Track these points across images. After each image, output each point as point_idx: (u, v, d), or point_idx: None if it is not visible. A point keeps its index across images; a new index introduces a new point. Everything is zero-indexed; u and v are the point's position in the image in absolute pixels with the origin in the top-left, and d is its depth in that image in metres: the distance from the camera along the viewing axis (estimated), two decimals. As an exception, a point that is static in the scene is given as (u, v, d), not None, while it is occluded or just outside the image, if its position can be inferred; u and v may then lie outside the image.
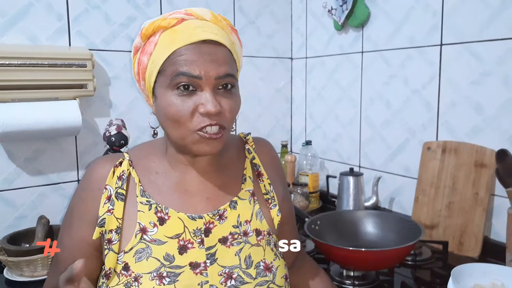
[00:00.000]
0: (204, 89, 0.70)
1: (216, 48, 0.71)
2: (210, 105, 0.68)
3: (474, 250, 1.24)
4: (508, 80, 1.20)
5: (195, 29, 0.71)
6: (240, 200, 0.80)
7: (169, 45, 0.70)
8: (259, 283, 0.74)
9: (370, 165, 1.63)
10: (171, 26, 0.72)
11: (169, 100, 0.70)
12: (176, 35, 0.70)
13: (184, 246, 0.74)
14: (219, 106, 0.70)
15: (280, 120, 1.97)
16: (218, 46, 0.71)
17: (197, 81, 0.69)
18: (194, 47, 0.70)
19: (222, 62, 0.71)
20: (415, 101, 1.45)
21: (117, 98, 1.50)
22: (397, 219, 1.23)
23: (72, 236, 0.77)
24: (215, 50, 0.70)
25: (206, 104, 0.69)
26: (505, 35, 1.19)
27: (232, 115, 0.73)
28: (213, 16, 0.74)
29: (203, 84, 0.69)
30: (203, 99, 0.69)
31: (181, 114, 0.69)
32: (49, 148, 1.38)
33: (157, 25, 0.72)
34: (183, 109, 0.69)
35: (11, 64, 1.22)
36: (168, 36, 0.71)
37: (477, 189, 1.25)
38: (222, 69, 0.70)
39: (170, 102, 0.70)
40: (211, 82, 0.70)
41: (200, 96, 0.70)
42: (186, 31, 0.71)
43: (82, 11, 1.40)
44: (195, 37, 0.70)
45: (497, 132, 1.23)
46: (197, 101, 0.70)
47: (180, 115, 0.70)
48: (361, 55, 1.63)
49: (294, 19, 1.93)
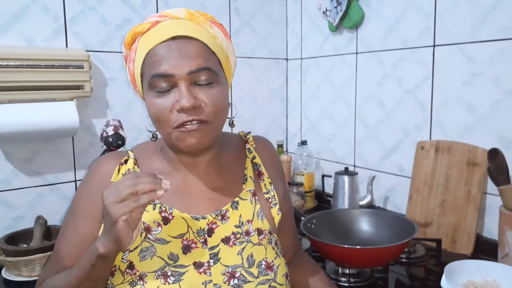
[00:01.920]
0: (179, 85, 0.70)
1: (187, 43, 0.71)
2: (183, 100, 0.69)
3: (467, 247, 1.26)
4: (498, 81, 1.22)
5: (166, 28, 0.71)
6: (242, 200, 0.81)
7: (144, 48, 0.72)
8: (261, 281, 0.75)
9: (364, 164, 1.65)
10: (146, 31, 0.73)
11: (150, 101, 0.72)
12: (149, 37, 0.72)
13: (187, 245, 0.74)
14: (194, 99, 0.69)
15: (276, 120, 1.98)
16: (190, 41, 0.71)
17: (171, 79, 0.70)
18: (164, 45, 0.71)
19: (195, 56, 0.70)
20: (408, 101, 1.47)
21: (114, 99, 1.50)
22: (391, 217, 1.25)
23: (78, 231, 0.77)
24: (185, 45, 0.71)
25: (180, 100, 0.69)
26: (496, 37, 1.21)
27: (214, 108, 0.72)
28: (188, 13, 0.74)
29: (176, 80, 0.70)
30: (178, 95, 0.70)
31: (160, 113, 0.71)
32: (46, 149, 1.39)
33: (134, 32, 0.74)
34: (162, 108, 0.71)
35: (8, 65, 1.22)
36: (143, 40, 0.73)
37: (470, 187, 1.27)
38: (194, 63, 0.70)
39: (151, 103, 0.72)
40: (185, 78, 0.70)
41: (176, 93, 0.70)
42: (158, 32, 0.72)
43: (78, 12, 1.41)
44: (165, 36, 0.71)
45: (488, 132, 1.25)
46: (174, 98, 0.70)
47: (159, 114, 0.71)
48: (355, 56, 1.65)
49: (289, 20, 1.94)
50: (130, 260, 0.73)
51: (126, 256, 0.73)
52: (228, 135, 0.89)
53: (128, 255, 0.73)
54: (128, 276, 0.72)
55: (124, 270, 0.73)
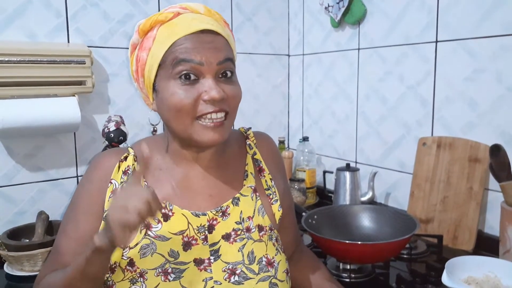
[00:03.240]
0: (206, 77, 0.71)
1: (214, 37, 0.73)
2: (214, 91, 0.70)
3: (468, 243, 1.26)
4: (501, 77, 1.22)
5: (192, 20, 0.72)
6: (242, 196, 0.81)
7: (169, 37, 0.71)
8: (261, 278, 0.75)
9: (366, 160, 1.65)
10: (168, 20, 0.73)
11: (172, 90, 0.71)
12: (174, 27, 0.72)
13: (188, 242, 0.74)
14: (222, 92, 0.71)
15: (277, 116, 1.98)
16: (216, 35, 0.74)
17: (199, 67, 0.70)
18: (193, 36, 0.71)
19: (222, 48, 0.73)
20: (410, 97, 1.46)
21: (115, 94, 1.50)
22: (392, 213, 1.25)
23: (79, 227, 0.77)
24: (213, 39, 0.73)
25: (209, 91, 0.70)
26: (499, 32, 1.21)
27: (235, 102, 0.75)
28: (206, 9, 0.77)
29: (204, 71, 0.71)
30: (206, 86, 0.70)
31: (184, 102, 0.70)
32: (48, 145, 1.39)
33: (154, 20, 0.73)
34: (187, 97, 0.70)
35: (10, 61, 1.22)
36: (166, 29, 0.72)
37: (471, 183, 1.27)
38: (222, 54, 0.72)
39: (173, 91, 0.71)
40: (213, 68, 0.71)
41: (202, 84, 0.71)
42: (183, 23, 0.72)
43: (80, 8, 1.41)
44: (194, 28, 0.71)
45: (490, 128, 1.25)
46: (200, 89, 0.71)
47: (184, 104, 0.70)
48: (357, 52, 1.64)
49: (291, 16, 1.94)
50: (130, 257, 0.72)
51: (127, 253, 0.73)
52: None
53: (129, 252, 0.73)
54: (129, 273, 0.72)
55: (124, 267, 0.72)
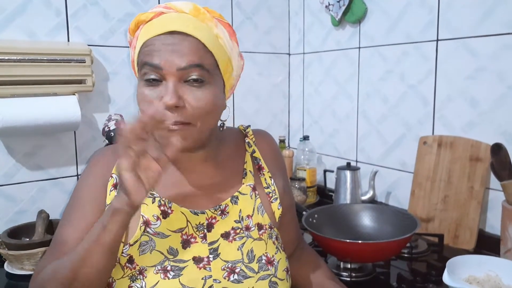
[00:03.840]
0: (167, 80, 0.69)
1: (183, 39, 0.69)
2: (167, 96, 0.67)
3: (469, 242, 1.26)
4: (502, 75, 1.21)
5: (166, 21, 0.70)
6: (241, 195, 0.80)
7: (143, 37, 0.72)
8: (261, 277, 0.75)
9: (366, 159, 1.65)
10: (149, 20, 0.73)
11: (139, 90, 0.71)
12: (149, 28, 0.71)
13: (187, 240, 0.74)
14: (177, 99, 0.67)
15: (278, 115, 1.98)
16: (186, 37, 0.69)
17: (159, 71, 0.68)
18: (159, 38, 0.69)
19: (188, 53, 0.68)
20: (411, 96, 1.46)
21: (115, 93, 1.50)
22: (393, 212, 1.24)
23: (86, 216, 0.75)
24: (181, 41, 0.69)
25: (164, 96, 0.68)
26: (500, 31, 1.20)
27: (199, 110, 0.69)
28: (194, 8, 0.72)
29: (165, 74, 0.68)
30: (164, 90, 0.68)
31: (145, 103, 0.70)
32: (48, 143, 1.39)
33: (138, 20, 0.74)
34: (146, 98, 0.70)
35: (10, 60, 1.22)
36: (145, 29, 0.72)
37: (472, 182, 1.27)
38: (185, 60, 0.68)
39: (139, 92, 0.71)
40: (173, 73, 0.68)
41: (163, 87, 0.69)
42: (159, 23, 0.71)
43: (80, 6, 1.41)
44: (162, 29, 0.70)
45: (491, 127, 1.25)
46: (161, 92, 0.69)
47: (144, 104, 0.70)
48: (358, 50, 1.64)
49: (291, 14, 1.94)
50: (130, 254, 0.72)
51: (126, 250, 0.73)
52: (227, 129, 0.87)
53: (128, 249, 0.73)
54: (128, 271, 0.71)
55: (124, 264, 0.72)
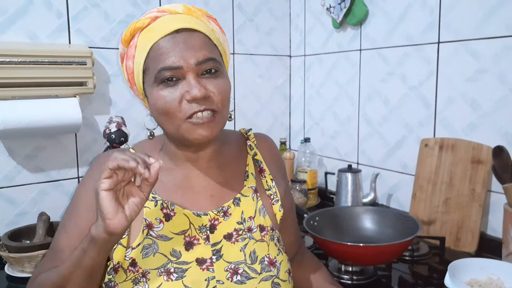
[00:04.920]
0: (187, 77, 0.71)
1: (191, 35, 0.72)
2: (194, 90, 0.69)
3: (471, 245, 1.25)
4: (503, 77, 1.21)
5: (168, 22, 0.72)
6: (243, 197, 0.81)
7: (147, 43, 0.72)
8: (264, 278, 0.75)
9: (368, 162, 1.65)
10: (145, 26, 0.74)
11: (157, 95, 0.72)
12: (151, 33, 0.73)
13: (190, 242, 0.75)
14: (204, 89, 0.70)
15: (279, 117, 1.97)
16: (193, 33, 0.72)
17: (179, 71, 0.70)
18: (168, 38, 0.71)
19: (200, 47, 0.71)
20: (412, 98, 1.46)
21: (116, 95, 1.50)
22: (394, 215, 1.24)
23: (80, 224, 0.77)
24: (190, 37, 0.72)
25: (191, 90, 0.70)
26: (501, 33, 1.20)
27: (222, 97, 0.73)
28: (185, 8, 0.76)
29: (185, 72, 0.71)
30: (187, 86, 0.70)
31: (169, 105, 0.71)
32: (49, 146, 1.39)
33: (133, 28, 0.74)
34: (170, 99, 0.71)
35: (11, 62, 1.22)
36: (144, 35, 0.73)
37: (474, 185, 1.27)
38: (200, 54, 0.71)
39: (158, 96, 0.72)
40: (193, 69, 0.71)
41: (184, 84, 0.71)
42: (159, 26, 0.72)
43: (81, 9, 1.41)
44: (168, 29, 0.71)
45: (493, 129, 1.24)
46: (183, 89, 0.71)
47: (168, 106, 0.71)
48: (359, 52, 1.64)
49: (292, 16, 1.94)
50: (132, 258, 0.73)
51: (129, 253, 0.73)
52: (229, 132, 0.89)
53: (131, 253, 0.73)
54: (131, 274, 0.72)
55: (126, 267, 0.72)
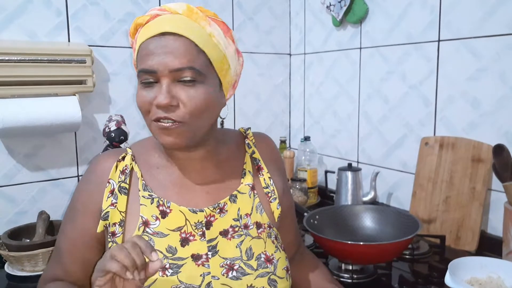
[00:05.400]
0: (161, 82, 0.71)
1: (175, 40, 0.70)
2: (160, 97, 0.70)
3: (471, 244, 1.25)
4: (504, 76, 1.21)
5: (160, 23, 0.71)
6: (240, 194, 0.81)
7: (139, 40, 0.74)
8: (260, 274, 0.75)
9: (368, 160, 1.64)
10: (145, 23, 0.74)
11: (138, 92, 0.74)
12: (145, 31, 0.73)
13: (186, 238, 0.75)
14: (171, 98, 0.69)
15: (279, 116, 1.97)
16: (178, 38, 0.70)
17: (154, 75, 0.71)
18: (153, 40, 0.71)
19: (180, 54, 0.70)
20: (412, 97, 1.45)
21: (116, 94, 1.50)
22: (395, 213, 1.24)
23: (76, 227, 0.79)
24: (173, 42, 0.70)
25: (158, 97, 0.70)
26: (502, 32, 1.20)
27: (191, 109, 0.70)
28: (187, 8, 0.73)
29: (159, 77, 0.71)
30: (158, 91, 0.71)
31: (141, 104, 0.73)
32: (48, 144, 1.38)
33: (136, 23, 0.75)
34: (144, 100, 0.72)
35: (10, 60, 1.22)
36: (141, 32, 0.74)
37: (474, 183, 1.26)
38: (177, 62, 0.69)
39: (137, 93, 0.74)
40: (167, 75, 0.70)
41: (158, 88, 0.71)
42: (153, 26, 0.72)
43: (80, 7, 1.40)
44: (155, 31, 0.71)
45: (493, 127, 1.24)
46: (156, 93, 0.71)
47: (141, 106, 0.73)
48: (359, 51, 1.63)
49: (292, 15, 1.93)
50: None
51: None
52: (228, 131, 0.89)
53: None
54: None
55: None
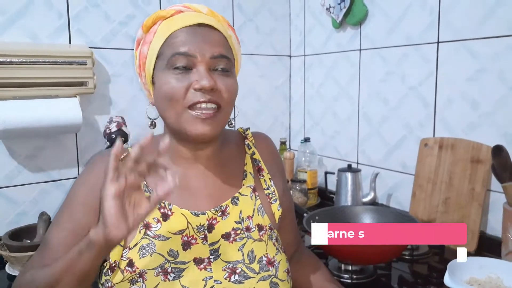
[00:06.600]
0: (199, 67, 0.72)
1: (211, 31, 0.74)
2: (204, 80, 0.70)
3: (470, 244, 1.25)
4: (503, 77, 1.21)
5: (191, 16, 0.75)
6: (242, 196, 0.81)
7: (167, 30, 0.74)
8: (262, 277, 0.75)
9: (367, 161, 1.65)
10: (169, 16, 0.76)
11: (166, 80, 0.73)
12: (173, 22, 0.74)
13: (187, 242, 0.74)
14: (214, 82, 0.71)
15: (279, 117, 1.98)
16: (213, 30, 0.75)
17: (192, 59, 0.72)
18: (189, 29, 0.73)
19: (217, 44, 0.74)
20: (412, 98, 1.46)
21: (117, 95, 1.50)
22: (394, 214, 1.25)
23: (74, 218, 0.75)
24: (209, 33, 0.74)
25: (200, 80, 0.71)
26: (501, 33, 1.20)
27: (229, 95, 0.74)
28: (209, 10, 0.78)
29: (198, 62, 0.72)
30: (197, 76, 0.71)
31: (175, 90, 0.71)
32: (49, 145, 1.39)
33: (156, 16, 0.76)
34: (178, 85, 0.71)
35: (12, 62, 1.22)
36: (166, 24, 0.75)
37: (473, 184, 1.27)
38: (216, 50, 0.73)
39: (166, 81, 0.72)
40: (206, 61, 0.72)
41: (195, 74, 0.72)
42: (182, 18, 0.75)
43: (82, 9, 1.41)
44: (190, 22, 0.74)
45: (492, 128, 1.25)
46: (192, 78, 0.72)
47: (175, 91, 0.71)
48: (359, 52, 1.64)
49: (292, 17, 1.94)
50: (129, 258, 0.72)
51: (126, 253, 0.72)
52: (227, 131, 0.89)
53: (128, 253, 0.72)
54: (128, 274, 0.71)
55: (124, 268, 0.72)
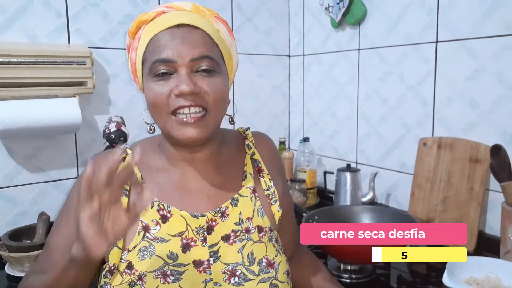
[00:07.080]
0: (179, 71, 0.70)
1: (191, 31, 0.72)
2: (183, 85, 0.69)
3: (469, 244, 1.26)
4: (501, 76, 1.21)
5: (171, 17, 0.73)
6: (241, 197, 0.80)
7: (147, 36, 0.73)
8: (262, 279, 0.74)
9: (366, 161, 1.65)
10: (151, 19, 0.74)
11: (149, 87, 0.72)
12: (154, 25, 0.73)
13: (187, 244, 0.74)
14: (194, 85, 0.69)
15: (278, 117, 1.98)
16: (193, 30, 0.72)
17: (172, 64, 0.70)
18: (167, 32, 0.71)
19: (197, 44, 0.71)
20: (410, 98, 1.46)
21: (116, 95, 1.50)
22: (393, 213, 1.25)
23: (71, 225, 0.75)
24: (189, 33, 0.72)
25: (179, 85, 0.69)
26: (499, 32, 1.21)
27: (213, 97, 0.71)
28: (194, 6, 0.75)
29: (178, 67, 0.70)
30: (177, 81, 0.70)
31: (157, 97, 0.71)
32: (49, 145, 1.39)
33: (139, 20, 0.75)
34: (159, 92, 0.70)
35: (10, 62, 1.22)
36: (148, 28, 0.74)
37: (472, 184, 1.27)
38: (196, 51, 0.71)
39: (149, 88, 0.72)
40: (186, 64, 0.70)
41: (176, 79, 0.71)
42: (163, 20, 0.73)
43: (80, 8, 1.41)
44: (169, 23, 0.72)
45: (491, 128, 1.25)
46: (173, 83, 0.70)
47: (157, 99, 0.71)
48: (358, 52, 1.64)
49: (291, 16, 1.94)
50: (129, 260, 0.71)
51: (125, 256, 0.72)
52: (226, 131, 0.88)
53: (127, 255, 0.72)
54: (127, 277, 0.71)
55: (123, 270, 0.71)
